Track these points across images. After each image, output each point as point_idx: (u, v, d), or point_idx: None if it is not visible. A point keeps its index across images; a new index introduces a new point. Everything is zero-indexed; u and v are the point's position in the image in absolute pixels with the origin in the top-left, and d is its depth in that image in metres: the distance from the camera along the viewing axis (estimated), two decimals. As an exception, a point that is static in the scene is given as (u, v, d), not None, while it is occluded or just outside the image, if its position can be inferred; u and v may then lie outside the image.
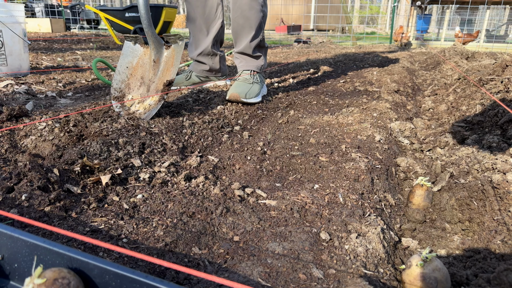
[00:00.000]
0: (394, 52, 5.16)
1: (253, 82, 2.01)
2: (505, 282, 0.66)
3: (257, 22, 2.00)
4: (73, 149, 1.13)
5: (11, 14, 2.28)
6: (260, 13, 1.99)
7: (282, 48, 6.07)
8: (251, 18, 1.98)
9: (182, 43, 1.58)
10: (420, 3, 7.46)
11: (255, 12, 1.97)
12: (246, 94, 1.91)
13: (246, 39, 2.03)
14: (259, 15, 1.98)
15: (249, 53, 2.06)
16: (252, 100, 1.95)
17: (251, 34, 2.01)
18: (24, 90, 1.98)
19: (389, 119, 1.72)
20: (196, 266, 0.73)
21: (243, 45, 2.05)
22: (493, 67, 2.21)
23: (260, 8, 1.97)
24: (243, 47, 2.05)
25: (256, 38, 2.04)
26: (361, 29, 16.57)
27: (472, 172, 1.16)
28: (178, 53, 1.57)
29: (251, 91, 1.95)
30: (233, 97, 1.89)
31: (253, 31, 2.01)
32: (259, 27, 2.03)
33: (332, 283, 0.69)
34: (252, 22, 1.99)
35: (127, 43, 1.63)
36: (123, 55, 1.63)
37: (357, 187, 1.06)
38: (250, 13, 1.97)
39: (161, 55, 1.60)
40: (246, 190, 1.02)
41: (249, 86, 1.96)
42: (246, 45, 2.04)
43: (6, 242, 0.54)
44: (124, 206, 0.90)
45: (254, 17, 1.98)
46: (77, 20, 8.92)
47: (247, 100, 1.92)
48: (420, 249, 0.89)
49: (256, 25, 2.00)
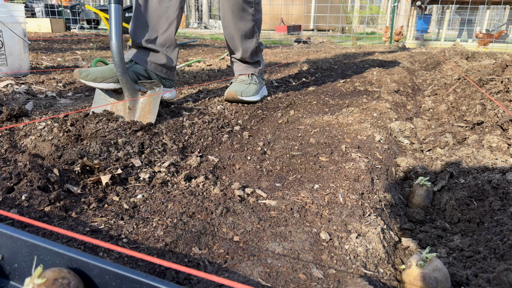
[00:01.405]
0: (394, 52, 5.16)
1: (250, 83, 1.99)
2: (505, 282, 0.66)
3: (249, 32, 1.94)
4: (73, 149, 1.13)
5: (11, 14, 2.28)
6: (251, 23, 1.92)
7: (282, 48, 6.07)
8: (242, 28, 1.91)
9: (159, 89, 1.45)
10: (420, 3, 7.46)
11: (246, 23, 1.90)
12: (243, 92, 1.89)
13: (241, 49, 1.98)
14: (250, 24, 1.91)
15: (247, 61, 2.03)
16: (250, 99, 1.92)
17: (245, 43, 1.96)
18: (24, 90, 1.98)
19: (389, 119, 1.72)
20: (196, 266, 0.73)
21: (239, 54, 2.00)
22: (493, 67, 2.21)
23: (251, 18, 1.90)
24: (240, 56, 2.01)
25: (250, 47, 1.98)
26: (361, 29, 16.58)
27: (472, 172, 1.16)
28: (155, 100, 1.44)
29: (248, 90, 1.93)
30: (230, 96, 1.87)
31: (246, 41, 1.96)
32: (252, 35, 1.96)
33: (332, 283, 0.69)
34: (244, 32, 1.92)
35: (98, 91, 1.53)
36: (95, 103, 1.53)
37: (357, 187, 1.06)
38: (241, 24, 1.90)
39: (136, 102, 1.49)
40: (246, 190, 1.03)
41: (246, 86, 1.95)
42: (243, 54, 1.99)
43: (6, 242, 0.54)
44: (124, 206, 0.90)
45: (245, 28, 1.91)
46: (77, 20, 8.92)
47: (244, 98, 1.90)
48: (420, 249, 0.89)
49: (248, 34, 1.94)
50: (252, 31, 1.95)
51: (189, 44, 6.11)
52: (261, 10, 2.00)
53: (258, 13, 1.95)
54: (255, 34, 1.98)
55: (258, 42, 2.03)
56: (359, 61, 3.99)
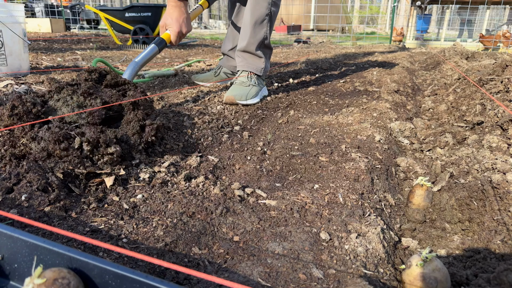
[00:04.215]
0: (394, 52, 5.16)
1: (250, 85, 1.98)
2: (505, 282, 0.66)
3: (261, 19, 1.97)
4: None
5: (11, 14, 2.28)
6: (266, 10, 1.96)
7: (282, 48, 6.07)
8: (255, 13, 1.95)
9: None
10: (420, 3, 7.46)
11: (260, 8, 1.94)
12: (242, 96, 1.91)
13: (248, 35, 1.98)
14: (264, 11, 1.96)
15: (251, 50, 2.02)
16: (249, 102, 1.95)
17: (254, 30, 1.98)
18: (24, 90, 1.98)
19: (389, 119, 1.72)
20: (196, 266, 0.73)
21: (245, 42, 2.00)
22: (493, 67, 2.21)
23: (266, 5, 1.95)
24: (245, 44, 2.00)
25: (259, 36, 2.00)
26: (361, 29, 16.58)
27: (472, 172, 1.16)
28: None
29: (248, 93, 1.94)
30: (228, 100, 1.90)
31: (256, 28, 1.98)
32: (262, 24, 1.99)
33: (332, 283, 0.69)
34: (256, 18, 1.96)
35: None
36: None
37: (357, 187, 1.06)
38: (255, 9, 1.95)
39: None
40: (246, 190, 1.03)
41: (246, 89, 1.95)
42: (249, 41, 1.99)
43: (6, 242, 0.54)
44: (124, 206, 0.90)
45: (258, 13, 1.95)
46: (77, 20, 8.92)
47: (243, 102, 1.92)
48: (420, 249, 0.89)
49: (260, 21, 1.97)
50: (263, 19, 1.98)
51: (189, 44, 6.11)
52: (278, 6, 2.04)
53: (275, 5, 2.00)
54: (266, 24, 2.01)
55: (267, 35, 2.04)
56: (359, 61, 3.99)
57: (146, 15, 5.07)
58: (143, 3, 5.47)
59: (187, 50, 5.06)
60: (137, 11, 5.07)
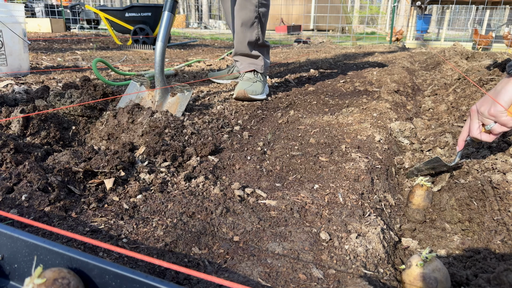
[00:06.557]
0: (394, 52, 5.16)
1: (256, 81, 2.06)
2: (505, 282, 0.66)
3: (250, 22, 2.00)
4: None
5: (11, 14, 2.28)
6: (254, 13, 1.98)
7: (282, 48, 6.07)
8: (243, 17, 1.99)
9: (188, 93, 1.63)
10: (420, 3, 7.46)
11: (247, 12, 1.97)
12: (253, 91, 1.98)
13: (240, 39, 2.05)
14: (252, 15, 1.98)
15: (246, 52, 2.08)
16: (259, 97, 2.02)
17: (244, 34, 2.03)
18: (24, 90, 1.98)
19: (389, 119, 1.72)
20: (196, 266, 0.73)
21: (239, 46, 2.08)
22: (492, 69, 2.20)
23: (253, 9, 1.97)
24: (239, 48, 2.08)
25: (249, 37, 2.04)
26: (361, 29, 16.57)
27: (472, 172, 1.16)
28: (183, 101, 1.62)
29: (256, 88, 2.01)
30: (240, 94, 1.94)
31: (246, 31, 2.02)
32: (253, 26, 2.02)
33: (332, 283, 0.69)
34: (245, 22, 2.00)
35: (133, 82, 1.70)
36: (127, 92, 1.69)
37: (357, 187, 1.06)
38: (242, 13, 1.98)
39: (164, 100, 1.66)
40: (246, 190, 1.02)
41: (254, 84, 2.02)
42: (242, 45, 2.07)
43: (6, 242, 0.54)
44: (124, 206, 0.90)
45: (246, 17, 1.98)
46: (77, 20, 8.92)
47: (254, 96, 1.98)
48: (420, 249, 0.89)
49: (250, 25, 2.00)
50: (253, 22, 2.01)
51: (189, 44, 6.11)
52: (268, 5, 2.04)
53: (263, 6, 2.00)
54: (256, 25, 2.03)
55: (260, 35, 2.07)
56: (359, 61, 3.99)
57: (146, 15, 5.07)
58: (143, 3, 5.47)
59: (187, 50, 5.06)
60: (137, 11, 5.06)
